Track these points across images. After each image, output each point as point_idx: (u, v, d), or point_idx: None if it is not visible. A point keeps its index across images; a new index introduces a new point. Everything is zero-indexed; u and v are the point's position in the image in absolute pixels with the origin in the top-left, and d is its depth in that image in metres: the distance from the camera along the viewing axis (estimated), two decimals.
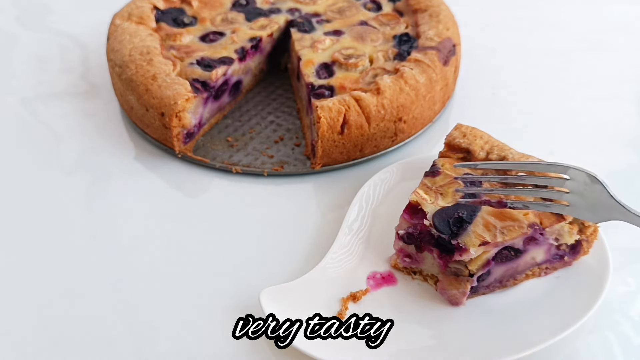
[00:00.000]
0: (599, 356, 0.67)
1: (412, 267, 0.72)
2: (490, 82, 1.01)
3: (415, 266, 0.72)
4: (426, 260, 0.71)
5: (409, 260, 0.72)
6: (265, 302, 0.66)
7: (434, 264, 0.70)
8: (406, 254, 0.72)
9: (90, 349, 0.67)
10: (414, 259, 0.72)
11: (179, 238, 0.78)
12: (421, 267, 0.72)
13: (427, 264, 0.71)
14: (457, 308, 0.69)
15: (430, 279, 0.72)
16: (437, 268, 0.70)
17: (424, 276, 0.72)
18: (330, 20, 0.96)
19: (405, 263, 0.72)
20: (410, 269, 0.73)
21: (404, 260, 0.72)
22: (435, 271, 0.71)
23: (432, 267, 0.71)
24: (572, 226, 0.69)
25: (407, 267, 0.73)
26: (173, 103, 0.82)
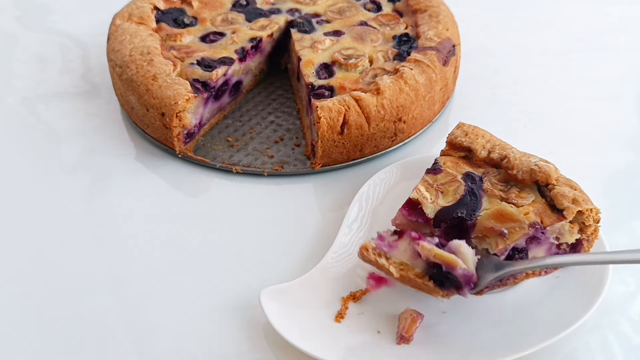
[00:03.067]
0: (598, 356, 0.67)
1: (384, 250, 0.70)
2: (490, 82, 1.02)
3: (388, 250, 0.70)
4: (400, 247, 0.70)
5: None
6: (265, 302, 0.66)
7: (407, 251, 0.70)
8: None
9: (91, 349, 0.67)
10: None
11: (179, 238, 0.78)
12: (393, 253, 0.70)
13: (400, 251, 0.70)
14: (456, 308, 0.69)
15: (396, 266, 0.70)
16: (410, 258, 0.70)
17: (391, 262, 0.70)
18: (330, 20, 0.97)
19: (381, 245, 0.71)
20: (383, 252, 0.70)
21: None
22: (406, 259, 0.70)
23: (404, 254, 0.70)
24: (572, 225, 0.69)
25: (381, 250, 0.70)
26: (173, 103, 0.82)
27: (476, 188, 0.71)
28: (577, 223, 0.69)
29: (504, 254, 0.67)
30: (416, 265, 0.67)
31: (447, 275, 0.65)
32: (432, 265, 0.66)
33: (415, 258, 0.67)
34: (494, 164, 0.75)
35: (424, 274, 0.67)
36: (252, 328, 0.69)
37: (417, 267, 0.67)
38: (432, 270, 0.66)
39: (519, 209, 0.69)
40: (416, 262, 0.67)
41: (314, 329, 0.66)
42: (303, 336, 0.65)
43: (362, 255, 0.68)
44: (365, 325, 0.68)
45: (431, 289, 0.66)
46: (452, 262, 0.65)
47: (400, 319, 0.67)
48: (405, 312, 0.68)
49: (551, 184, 0.71)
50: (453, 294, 0.66)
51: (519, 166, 0.72)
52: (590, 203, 0.69)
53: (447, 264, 0.65)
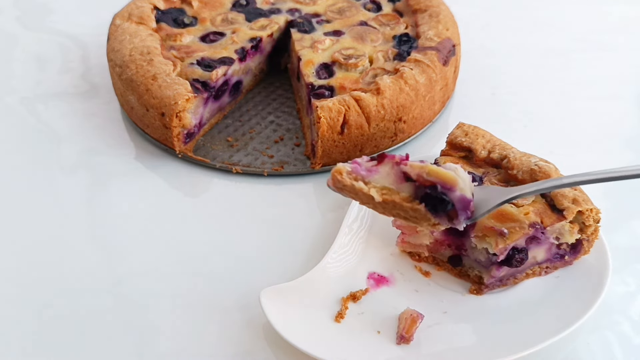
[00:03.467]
0: (598, 356, 0.67)
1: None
2: (490, 82, 1.02)
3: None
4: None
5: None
6: (265, 302, 0.66)
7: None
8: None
9: (91, 349, 0.67)
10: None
11: (179, 238, 0.78)
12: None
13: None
14: (456, 308, 0.69)
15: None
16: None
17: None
18: (330, 20, 0.97)
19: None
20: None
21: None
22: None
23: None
24: (572, 225, 0.69)
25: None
26: (173, 103, 0.82)
27: None
28: (577, 223, 0.69)
29: (504, 253, 0.67)
30: (402, 189, 0.59)
31: (442, 197, 0.58)
32: (422, 187, 0.58)
33: (401, 182, 0.60)
34: (494, 164, 0.75)
35: (412, 197, 0.59)
36: (252, 328, 0.69)
37: (403, 191, 0.59)
38: (422, 192, 0.58)
39: (519, 209, 0.69)
40: (402, 186, 0.59)
41: (314, 329, 0.66)
42: (303, 336, 0.65)
43: (334, 180, 0.61)
44: (365, 325, 0.68)
45: (421, 215, 0.58)
46: (451, 180, 0.58)
47: (400, 319, 0.67)
48: (405, 312, 0.67)
49: None
50: (445, 223, 0.59)
51: (519, 166, 0.72)
52: (591, 203, 0.69)
53: (444, 182, 0.57)
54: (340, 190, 0.61)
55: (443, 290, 0.71)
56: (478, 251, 0.70)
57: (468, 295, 0.71)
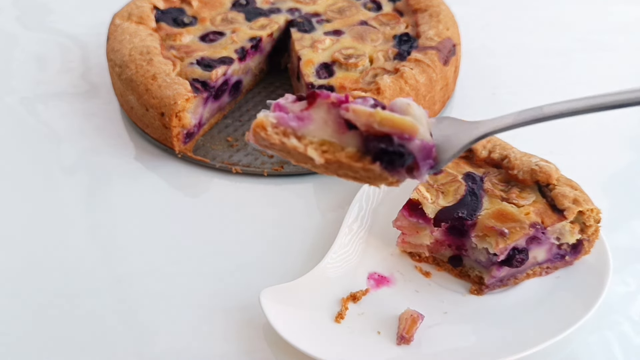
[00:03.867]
0: (599, 356, 0.67)
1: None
2: (490, 82, 1.01)
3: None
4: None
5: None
6: (265, 302, 0.66)
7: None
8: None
9: (91, 349, 0.67)
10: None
11: (179, 238, 0.78)
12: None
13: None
14: (457, 308, 0.69)
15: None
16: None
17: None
18: (330, 20, 0.96)
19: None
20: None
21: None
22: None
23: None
24: (573, 225, 0.69)
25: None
26: (173, 103, 0.82)
27: (477, 188, 0.71)
28: (577, 223, 0.69)
29: (504, 253, 0.67)
30: (346, 142, 0.48)
31: (399, 150, 0.47)
32: (372, 139, 0.47)
33: (343, 131, 0.48)
34: (494, 164, 0.75)
35: (361, 153, 0.48)
36: (252, 328, 0.69)
37: (348, 145, 0.48)
38: (374, 146, 0.47)
39: (519, 209, 0.69)
40: (345, 137, 0.48)
41: (314, 329, 0.66)
42: (303, 336, 0.65)
43: (256, 136, 0.49)
44: (365, 325, 0.67)
45: (376, 175, 0.48)
46: (410, 128, 0.46)
47: (401, 320, 0.67)
48: (405, 312, 0.67)
49: (552, 184, 0.71)
50: (404, 178, 0.49)
51: (520, 166, 0.72)
52: (591, 203, 0.69)
53: (401, 131, 0.46)
54: (265, 148, 0.50)
55: (443, 291, 0.71)
56: (478, 251, 0.70)
57: (468, 295, 0.71)
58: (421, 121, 0.48)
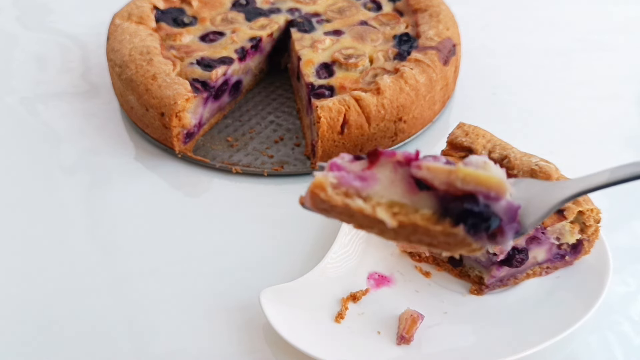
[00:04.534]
0: (599, 356, 0.67)
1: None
2: (490, 82, 1.01)
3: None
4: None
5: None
6: (265, 302, 0.66)
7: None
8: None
9: (90, 349, 0.67)
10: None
11: (178, 238, 0.78)
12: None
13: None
14: (457, 308, 0.69)
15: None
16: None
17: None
18: (330, 20, 0.96)
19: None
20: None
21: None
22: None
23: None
24: (573, 225, 0.69)
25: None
26: (173, 103, 0.82)
27: None
28: (577, 223, 0.69)
29: (504, 253, 0.67)
30: (420, 204, 0.43)
31: (484, 211, 0.41)
32: (451, 199, 0.42)
33: (414, 192, 0.43)
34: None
35: (439, 215, 0.42)
36: (252, 328, 0.69)
37: (423, 207, 0.43)
38: (454, 207, 0.41)
39: None
40: (417, 199, 0.43)
41: (314, 329, 0.66)
42: (303, 336, 0.65)
43: (314, 199, 0.44)
44: (365, 325, 0.67)
45: (458, 240, 0.42)
46: (498, 186, 0.41)
47: (401, 320, 0.67)
48: (405, 312, 0.67)
49: None
50: (486, 245, 0.43)
51: (520, 166, 0.72)
52: (591, 203, 0.69)
53: (487, 189, 0.41)
54: (323, 212, 0.45)
55: (443, 291, 0.71)
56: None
57: (468, 295, 0.71)
58: (501, 179, 0.43)
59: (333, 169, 0.44)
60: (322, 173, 0.45)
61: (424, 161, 0.43)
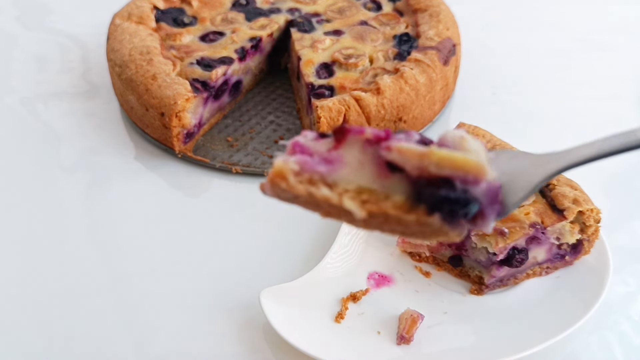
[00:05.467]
0: (599, 356, 0.67)
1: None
2: (490, 82, 1.01)
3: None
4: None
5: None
6: (265, 302, 0.66)
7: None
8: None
9: (90, 349, 0.67)
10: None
11: (178, 238, 0.78)
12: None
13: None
14: (457, 308, 0.69)
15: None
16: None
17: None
18: (330, 20, 0.96)
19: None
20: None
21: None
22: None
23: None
24: (573, 225, 0.69)
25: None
26: (173, 103, 0.82)
27: None
28: (577, 223, 0.69)
29: (504, 252, 0.67)
30: (391, 189, 0.38)
31: (462, 197, 0.37)
32: (425, 184, 0.37)
33: (385, 175, 0.38)
34: None
35: (412, 202, 0.37)
36: (252, 328, 0.69)
37: (394, 193, 0.38)
38: (428, 193, 0.37)
39: (519, 209, 0.69)
40: (389, 183, 0.38)
41: (314, 329, 0.66)
42: (303, 336, 0.64)
43: (274, 188, 0.40)
44: (365, 325, 0.67)
45: (434, 230, 0.38)
46: (476, 168, 0.36)
47: (401, 320, 0.67)
48: (405, 312, 0.67)
49: (552, 184, 0.71)
50: (465, 229, 0.38)
51: None
52: (591, 203, 0.69)
53: (464, 173, 0.36)
54: (286, 201, 0.41)
55: (443, 291, 0.71)
56: (478, 251, 0.70)
57: (468, 295, 0.71)
58: (483, 156, 0.38)
59: (296, 149, 0.40)
60: (282, 158, 0.40)
61: (394, 141, 0.37)
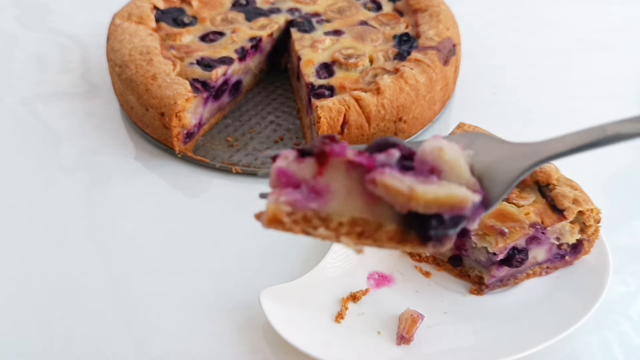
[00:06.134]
0: (599, 356, 0.67)
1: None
2: (490, 82, 1.01)
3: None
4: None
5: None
6: (265, 302, 0.66)
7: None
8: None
9: (90, 349, 0.67)
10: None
11: (178, 238, 0.78)
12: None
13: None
14: (457, 308, 0.69)
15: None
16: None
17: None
18: (330, 20, 0.96)
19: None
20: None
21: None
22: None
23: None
24: (573, 225, 0.69)
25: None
26: (173, 103, 0.82)
27: None
28: (577, 223, 0.69)
29: (504, 252, 0.67)
30: (381, 215, 0.40)
31: (454, 222, 0.40)
32: (413, 215, 0.39)
33: (374, 201, 0.40)
34: None
35: (404, 229, 0.40)
36: (252, 328, 0.69)
37: (385, 220, 0.40)
38: (418, 225, 0.39)
39: (519, 209, 0.69)
40: (379, 209, 0.40)
41: (314, 329, 0.66)
42: (303, 336, 0.64)
43: (271, 227, 0.44)
44: (365, 325, 0.67)
45: (425, 250, 0.41)
46: (460, 203, 0.39)
47: (401, 320, 0.67)
48: (405, 312, 0.67)
49: (552, 184, 0.71)
50: (453, 239, 0.41)
51: None
52: (591, 203, 0.69)
53: (450, 209, 0.39)
54: (285, 232, 0.44)
55: (443, 291, 0.71)
56: (478, 251, 0.70)
57: (468, 295, 0.71)
58: (459, 165, 0.39)
59: (282, 180, 0.41)
60: (273, 199, 0.42)
61: (378, 175, 0.39)
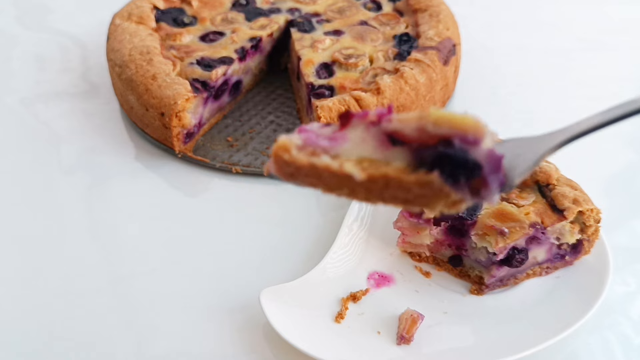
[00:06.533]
0: (599, 356, 0.67)
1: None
2: (490, 82, 1.01)
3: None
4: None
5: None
6: (265, 302, 0.66)
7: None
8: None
9: (90, 349, 0.67)
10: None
11: (178, 238, 0.78)
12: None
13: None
14: (457, 308, 0.69)
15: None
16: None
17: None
18: (330, 20, 0.96)
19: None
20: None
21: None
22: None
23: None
24: (573, 225, 0.69)
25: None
26: (173, 103, 0.82)
27: None
28: (577, 223, 0.69)
29: (504, 252, 0.67)
30: (392, 158, 0.40)
31: (462, 155, 0.37)
32: (425, 149, 0.38)
33: (387, 148, 0.40)
34: None
35: (413, 166, 0.39)
36: (252, 328, 0.69)
37: (394, 159, 0.39)
38: (428, 155, 0.38)
39: (519, 209, 0.69)
40: (390, 154, 0.40)
41: (314, 329, 0.66)
42: (303, 336, 0.65)
43: (278, 162, 0.41)
44: (365, 325, 0.67)
45: (435, 191, 0.38)
46: (474, 127, 0.37)
47: (401, 320, 0.67)
48: (405, 312, 0.67)
49: (552, 184, 0.71)
50: (468, 199, 0.39)
51: None
52: (591, 203, 0.69)
53: (463, 131, 0.37)
54: (290, 177, 0.42)
55: (443, 291, 0.71)
56: (478, 251, 0.70)
57: (468, 295, 0.71)
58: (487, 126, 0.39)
59: (301, 132, 0.41)
60: (286, 135, 0.42)
61: (395, 115, 0.39)
